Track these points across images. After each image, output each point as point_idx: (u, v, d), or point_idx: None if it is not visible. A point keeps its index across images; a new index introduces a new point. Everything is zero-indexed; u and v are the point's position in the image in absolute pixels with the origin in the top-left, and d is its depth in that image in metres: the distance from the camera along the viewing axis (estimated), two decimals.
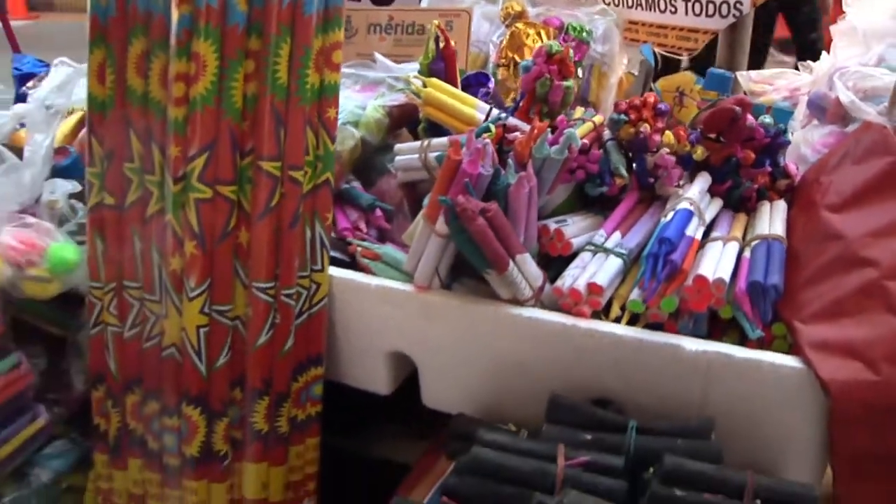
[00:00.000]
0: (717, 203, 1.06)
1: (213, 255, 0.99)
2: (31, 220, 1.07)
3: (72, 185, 1.14)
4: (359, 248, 1.08)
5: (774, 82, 1.41)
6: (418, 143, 1.14)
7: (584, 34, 1.38)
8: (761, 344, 0.95)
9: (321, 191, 1.03)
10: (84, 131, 1.32)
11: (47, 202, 1.12)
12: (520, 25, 1.49)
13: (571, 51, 1.15)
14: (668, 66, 1.71)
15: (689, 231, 0.97)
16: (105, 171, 1.02)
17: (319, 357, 1.08)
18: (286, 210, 1.00)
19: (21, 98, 1.56)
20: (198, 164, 0.96)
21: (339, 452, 1.22)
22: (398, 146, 1.17)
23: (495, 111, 1.12)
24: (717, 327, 0.99)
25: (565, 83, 1.13)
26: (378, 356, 1.09)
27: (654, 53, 1.61)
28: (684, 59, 1.63)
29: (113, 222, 1.03)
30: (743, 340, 0.96)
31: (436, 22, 1.23)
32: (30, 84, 1.58)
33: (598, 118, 1.15)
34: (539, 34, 1.48)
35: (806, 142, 1.14)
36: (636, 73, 1.64)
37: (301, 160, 0.99)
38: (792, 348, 0.92)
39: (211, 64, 0.93)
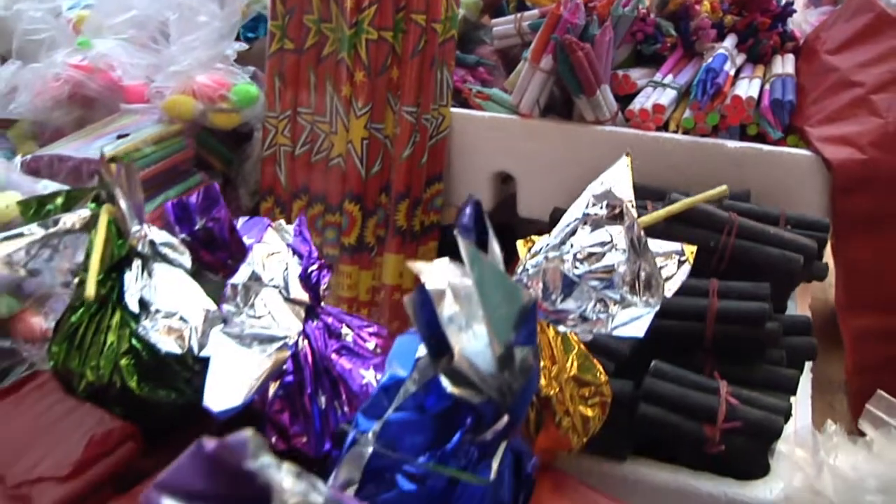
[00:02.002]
0: (742, 56, 1.42)
1: (375, 84, 1.32)
2: (219, 64, 1.37)
3: (238, 45, 1.44)
4: (472, 91, 1.41)
5: None
6: (512, 16, 1.48)
7: None
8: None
9: (449, 43, 1.37)
10: None
11: (222, 57, 1.43)
12: None
13: None
14: None
15: (726, 68, 1.33)
16: (286, 24, 1.34)
17: (441, 175, 1.41)
18: (427, 53, 1.33)
19: None
20: (368, 13, 1.29)
21: None
22: (494, 20, 1.50)
23: None
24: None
25: None
26: (485, 176, 1.42)
27: None
28: None
29: (292, 62, 1.35)
30: None
31: None
32: None
33: (646, 0, 1.50)
34: None
35: (805, 21, 1.51)
36: None
37: (440, 15, 1.32)
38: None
39: None
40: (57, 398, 0.86)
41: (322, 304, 0.87)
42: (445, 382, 0.58)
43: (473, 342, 0.59)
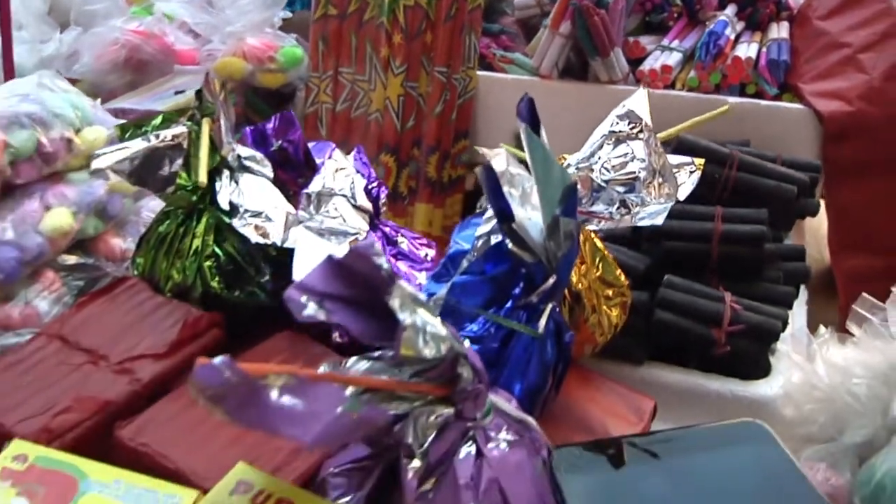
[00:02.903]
0: (741, 24, 1.56)
1: (411, 46, 1.45)
2: (268, 29, 1.50)
3: (283, 13, 1.58)
4: (497, 55, 1.55)
5: None
6: None
7: None
8: None
9: (476, 11, 1.50)
10: None
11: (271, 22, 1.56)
12: None
13: None
14: None
15: (727, 32, 1.47)
16: None
17: (467, 132, 1.54)
18: (458, 19, 1.47)
19: None
20: None
21: None
22: None
23: None
24: None
25: None
26: (507, 135, 1.55)
27: None
28: None
29: (334, 27, 1.49)
30: None
31: None
32: None
33: None
34: None
35: None
36: None
37: None
38: None
39: None
40: (147, 296, 0.98)
41: (380, 216, 1.00)
42: (507, 241, 0.71)
43: (527, 218, 0.72)
